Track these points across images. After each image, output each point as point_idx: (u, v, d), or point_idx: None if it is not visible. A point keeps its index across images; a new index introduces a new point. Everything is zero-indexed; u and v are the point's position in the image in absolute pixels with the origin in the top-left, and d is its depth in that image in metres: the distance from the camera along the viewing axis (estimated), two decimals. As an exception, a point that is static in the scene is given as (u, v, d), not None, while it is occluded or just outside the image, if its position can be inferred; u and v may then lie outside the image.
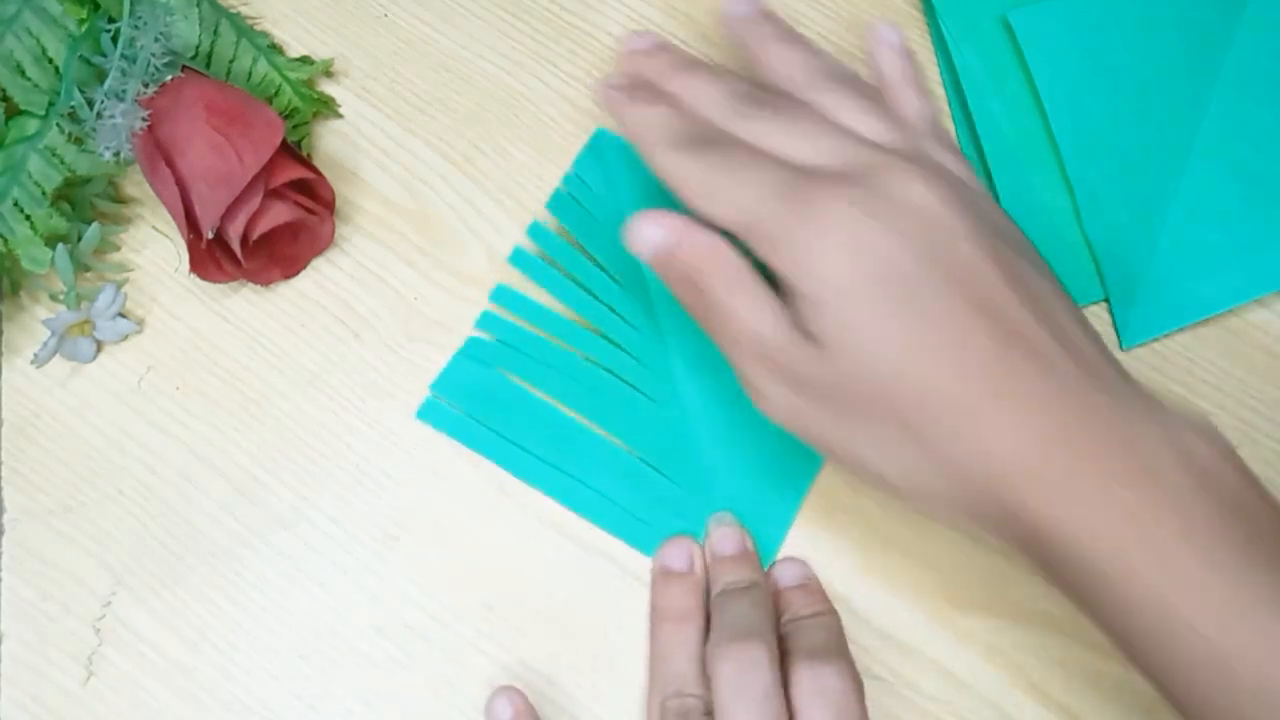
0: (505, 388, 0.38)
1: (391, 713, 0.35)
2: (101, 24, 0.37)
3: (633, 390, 0.38)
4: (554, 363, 0.38)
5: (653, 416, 0.38)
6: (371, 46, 0.42)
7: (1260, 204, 0.39)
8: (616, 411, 0.38)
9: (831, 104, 0.33)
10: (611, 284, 0.39)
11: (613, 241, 0.39)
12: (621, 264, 0.39)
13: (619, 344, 0.38)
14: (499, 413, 0.38)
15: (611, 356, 0.38)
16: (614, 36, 0.42)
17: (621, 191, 0.40)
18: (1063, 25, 0.40)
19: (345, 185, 0.40)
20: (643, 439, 0.38)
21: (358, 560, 0.37)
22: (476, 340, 0.39)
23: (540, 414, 0.38)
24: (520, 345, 0.38)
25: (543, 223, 0.40)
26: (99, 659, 0.36)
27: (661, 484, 0.37)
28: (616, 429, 0.38)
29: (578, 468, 0.37)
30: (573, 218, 0.40)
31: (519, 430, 0.38)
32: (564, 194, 0.40)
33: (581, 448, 0.37)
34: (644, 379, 0.38)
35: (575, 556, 0.37)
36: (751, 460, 0.37)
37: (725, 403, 0.37)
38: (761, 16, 0.35)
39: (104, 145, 0.36)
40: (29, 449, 0.38)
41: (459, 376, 0.38)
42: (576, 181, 0.40)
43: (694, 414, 0.37)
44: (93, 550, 0.37)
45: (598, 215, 0.40)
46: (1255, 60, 0.40)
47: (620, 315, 0.38)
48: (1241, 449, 0.38)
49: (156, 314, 0.39)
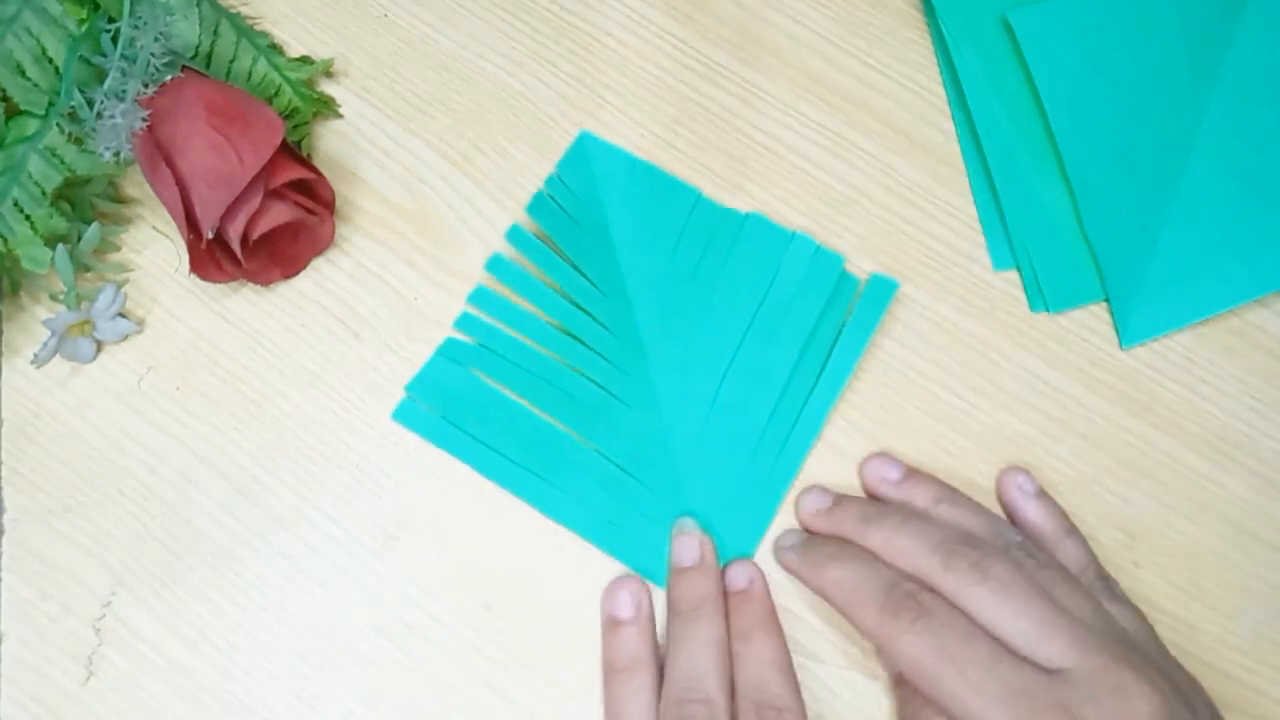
0: (481, 390, 0.38)
1: (391, 713, 0.35)
2: (101, 24, 0.37)
3: (608, 395, 0.38)
4: (530, 366, 0.38)
5: (627, 421, 0.37)
6: (371, 46, 0.42)
7: (1260, 204, 0.39)
8: (591, 416, 0.38)
9: (1031, 569, 0.32)
10: (589, 288, 0.39)
11: (592, 245, 0.39)
12: (600, 268, 0.39)
13: (595, 348, 0.38)
14: (473, 415, 0.38)
15: (587, 361, 0.38)
16: (614, 37, 0.42)
17: (604, 196, 0.40)
18: (1063, 25, 0.40)
19: (345, 185, 0.40)
20: (617, 443, 0.37)
21: (358, 560, 0.37)
22: (454, 341, 0.39)
23: (515, 417, 0.38)
24: (497, 348, 0.38)
25: (522, 226, 0.40)
26: (99, 659, 0.36)
27: (634, 488, 0.37)
28: (590, 433, 0.37)
29: (550, 471, 0.37)
30: (552, 221, 0.39)
31: (493, 433, 0.37)
32: (544, 196, 0.40)
33: (555, 451, 0.37)
34: (619, 384, 0.38)
35: (575, 556, 0.37)
36: (727, 466, 0.37)
37: (702, 408, 0.37)
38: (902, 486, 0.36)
39: (104, 145, 0.36)
40: (29, 449, 0.38)
41: (435, 378, 0.38)
42: (558, 184, 0.40)
43: (670, 419, 0.37)
44: (93, 550, 0.37)
45: (579, 219, 0.40)
46: (1255, 60, 0.40)
47: (597, 320, 0.38)
48: (1242, 449, 0.38)
49: (156, 314, 0.39)
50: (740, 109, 0.41)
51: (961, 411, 0.38)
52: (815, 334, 0.38)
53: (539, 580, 0.36)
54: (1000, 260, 0.40)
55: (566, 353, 0.38)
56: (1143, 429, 0.38)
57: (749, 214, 0.39)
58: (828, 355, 0.38)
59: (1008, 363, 0.39)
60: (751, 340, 0.38)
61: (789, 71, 0.42)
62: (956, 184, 0.41)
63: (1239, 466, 0.38)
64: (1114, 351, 0.39)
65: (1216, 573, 0.37)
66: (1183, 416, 0.38)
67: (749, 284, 0.39)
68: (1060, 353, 0.39)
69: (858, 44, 0.42)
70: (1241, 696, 0.36)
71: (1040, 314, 0.39)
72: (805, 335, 0.38)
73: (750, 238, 0.39)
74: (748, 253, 0.39)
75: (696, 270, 0.39)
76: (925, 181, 0.41)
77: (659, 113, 0.41)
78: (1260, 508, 0.37)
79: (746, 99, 0.42)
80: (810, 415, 0.37)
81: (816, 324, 0.38)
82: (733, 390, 0.38)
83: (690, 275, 0.39)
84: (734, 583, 0.35)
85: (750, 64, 0.42)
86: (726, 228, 0.39)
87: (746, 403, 0.37)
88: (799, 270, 0.39)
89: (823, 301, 0.38)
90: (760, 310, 0.38)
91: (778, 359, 0.38)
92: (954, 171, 0.41)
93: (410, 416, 0.38)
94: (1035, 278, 0.39)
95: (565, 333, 0.38)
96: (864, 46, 0.42)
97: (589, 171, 0.40)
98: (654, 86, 0.42)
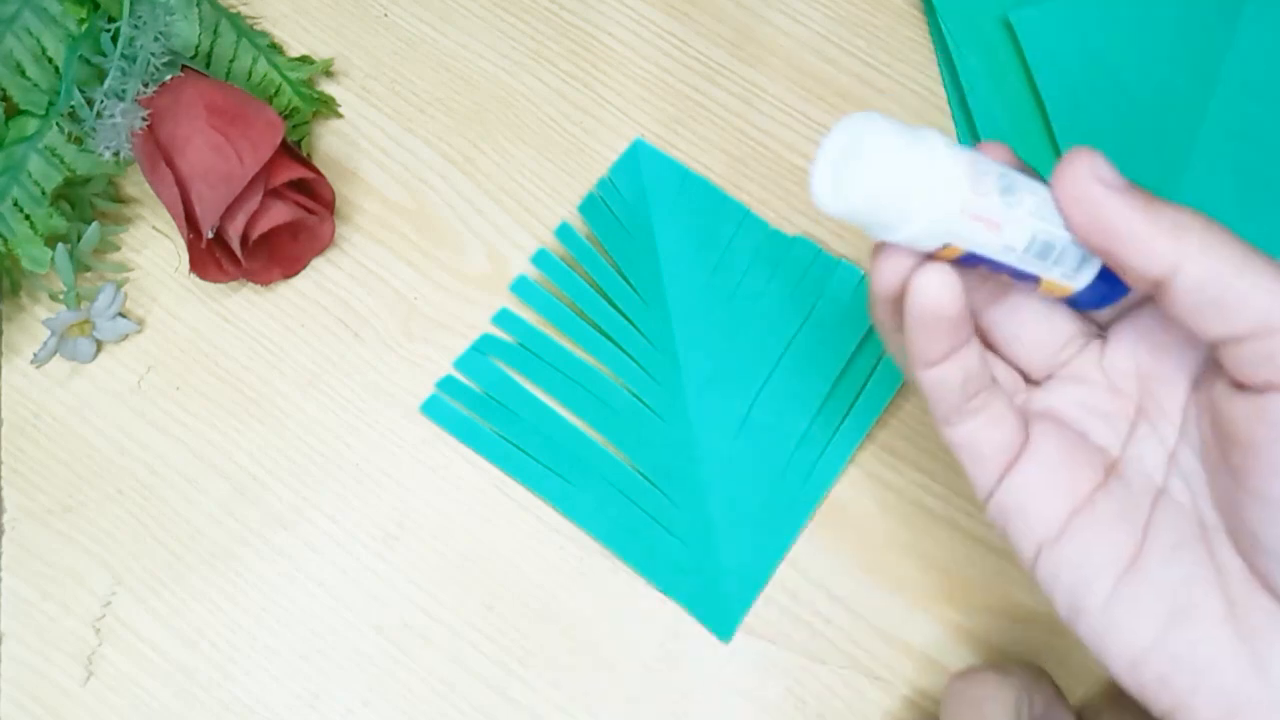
0: (513, 388, 0.38)
1: (391, 713, 0.35)
2: (101, 24, 0.37)
3: (640, 404, 0.38)
4: (565, 367, 0.38)
5: (657, 432, 0.37)
6: (371, 46, 0.42)
7: (1260, 205, 0.39)
8: (621, 423, 0.37)
9: None
10: (631, 294, 0.39)
11: (638, 252, 0.39)
12: (644, 276, 0.39)
13: (632, 356, 0.38)
14: (502, 413, 0.38)
15: (623, 367, 0.38)
16: (614, 36, 0.42)
17: (652, 205, 0.40)
18: (1063, 25, 0.40)
19: (345, 185, 0.40)
20: (644, 453, 0.37)
21: (358, 560, 0.37)
22: (490, 337, 0.39)
23: (545, 417, 0.38)
24: (534, 346, 0.38)
25: (572, 225, 0.40)
26: (99, 659, 0.36)
27: (658, 499, 0.37)
28: (619, 440, 0.37)
29: (575, 474, 0.37)
30: (602, 223, 0.39)
31: (520, 432, 0.37)
32: (596, 198, 0.40)
33: (581, 455, 0.37)
34: (652, 394, 0.38)
35: (575, 556, 0.37)
36: (752, 487, 0.37)
37: (732, 426, 0.37)
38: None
39: (104, 145, 0.36)
40: (29, 449, 0.38)
41: (468, 372, 0.38)
42: (610, 187, 0.40)
43: (699, 434, 0.37)
44: (93, 550, 0.37)
45: (627, 224, 0.39)
46: (1255, 60, 0.40)
47: (637, 328, 0.38)
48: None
49: (156, 314, 0.39)
50: (740, 109, 0.41)
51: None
52: (852, 363, 0.38)
53: (539, 580, 0.36)
54: (1000, 260, 0.40)
55: (603, 356, 0.38)
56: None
57: (796, 236, 0.39)
58: (862, 386, 0.37)
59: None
60: (787, 363, 0.38)
61: (789, 71, 0.42)
62: (957, 184, 0.41)
63: (1239, 466, 0.38)
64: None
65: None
66: (1183, 416, 0.38)
67: (789, 306, 0.38)
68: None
69: (858, 44, 0.42)
70: (1241, 697, 0.36)
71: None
72: (842, 363, 0.37)
73: (795, 260, 0.39)
74: (791, 275, 0.39)
75: (738, 288, 0.38)
76: (925, 181, 0.41)
77: (659, 112, 0.41)
78: (1260, 508, 0.37)
79: (746, 99, 0.42)
80: (839, 444, 0.37)
81: (854, 353, 0.38)
82: (764, 412, 0.37)
83: (731, 292, 0.39)
84: None
85: (750, 64, 0.42)
86: (772, 248, 0.39)
87: (777, 425, 0.37)
88: (842, 298, 0.38)
89: (862, 331, 0.38)
90: (799, 334, 0.38)
91: (812, 385, 0.37)
92: (954, 171, 0.41)
93: (439, 412, 0.38)
94: (1035, 278, 0.39)
95: (604, 335, 0.38)
96: (864, 46, 0.42)
97: (639, 179, 0.40)
98: (654, 86, 0.42)
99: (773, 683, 0.35)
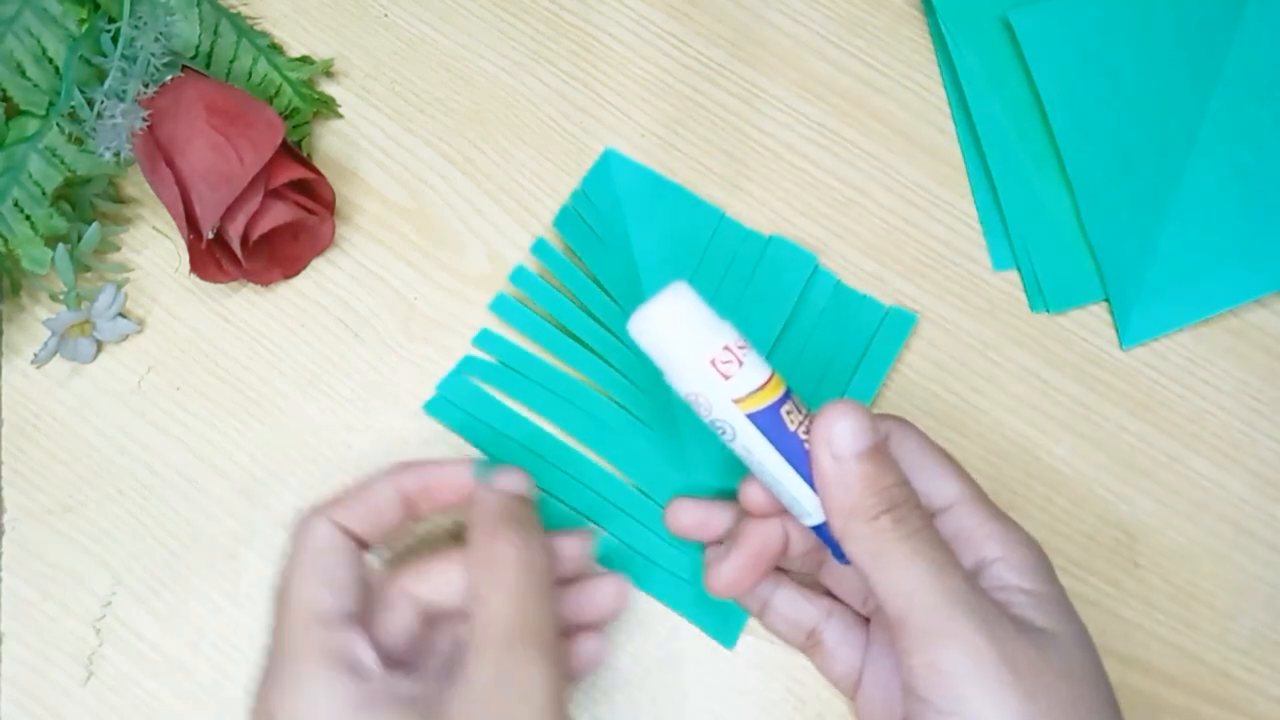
0: (497, 409, 0.38)
1: (391, 713, 0.35)
2: (101, 24, 0.37)
3: (628, 415, 0.37)
4: (550, 383, 0.38)
5: (645, 442, 0.37)
6: (371, 46, 0.42)
7: (1260, 205, 0.39)
8: (609, 435, 0.37)
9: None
10: (611, 305, 0.38)
11: (615, 262, 0.39)
12: (622, 285, 0.38)
13: (617, 368, 0.38)
14: (490, 433, 0.37)
15: (609, 380, 0.38)
16: (614, 37, 0.42)
17: (627, 213, 0.39)
18: (1063, 25, 0.40)
19: (345, 185, 0.40)
20: (635, 464, 0.37)
21: (358, 560, 0.37)
22: (472, 359, 0.38)
23: (532, 435, 0.37)
24: (517, 365, 0.38)
25: (546, 239, 0.40)
26: (99, 659, 0.36)
27: (650, 510, 0.37)
28: (609, 453, 0.37)
29: (566, 490, 0.37)
30: (577, 236, 0.39)
31: (510, 451, 0.37)
32: (570, 211, 0.40)
33: (571, 470, 0.37)
34: (640, 404, 0.37)
35: (575, 556, 0.37)
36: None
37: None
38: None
39: (104, 145, 0.36)
40: (29, 449, 0.38)
41: (452, 395, 0.38)
42: (583, 198, 0.40)
43: (688, 441, 0.37)
44: (93, 550, 0.37)
45: (602, 235, 0.39)
46: (1255, 61, 0.40)
47: (619, 338, 0.38)
48: (1242, 449, 0.38)
49: (156, 314, 0.39)
50: (740, 109, 0.41)
51: (961, 411, 0.38)
52: (833, 363, 0.38)
53: (539, 580, 0.36)
54: (1000, 260, 0.40)
55: (587, 369, 0.38)
56: (1143, 429, 0.38)
57: (771, 236, 0.39)
58: (845, 386, 0.37)
59: (1008, 363, 0.39)
60: (771, 364, 0.38)
61: (789, 71, 0.42)
62: (956, 184, 0.41)
63: (1239, 466, 0.38)
64: (1114, 351, 0.39)
65: (1216, 573, 0.37)
66: (1183, 416, 0.38)
67: (769, 308, 0.38)
68: (1060, 353, 0.39)
69: (858, 44, 0.42)
70: (1241, 696, 0.36)
71: (1040, 314, 0.39)
72: (823, 364, 0.37)
73: (772, 261, 0.39)
74: (769, 276, 0.39)
75: (717, 291, 0.38)
76: (925, 181, 0.41)
77: (659, 113, 0.41)
78: (1260, 508, 0.37)
79: (746, 99, 0.42)
80: None
81: (835, 353, 0.38)
82: None
83: (711, 296, 0.38)
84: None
85: (750, 64, 0.42)
86: (749, 249, 0.39)
87: None
88: (820, 298, 0.38)
89: (844, 331, 0.38)
90: (781, 336, 0.38)
91: (795, 385, 0.37)
92: (954, 171, 0.41)
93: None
94: (1035, 277, 0.39)
95: (587, 348, 0.38)
96: (864, 46, 0.42)
97: (612, 188, 0.40)
98: (654, 86, 0.42)
99: (773, 683, 0.35)
